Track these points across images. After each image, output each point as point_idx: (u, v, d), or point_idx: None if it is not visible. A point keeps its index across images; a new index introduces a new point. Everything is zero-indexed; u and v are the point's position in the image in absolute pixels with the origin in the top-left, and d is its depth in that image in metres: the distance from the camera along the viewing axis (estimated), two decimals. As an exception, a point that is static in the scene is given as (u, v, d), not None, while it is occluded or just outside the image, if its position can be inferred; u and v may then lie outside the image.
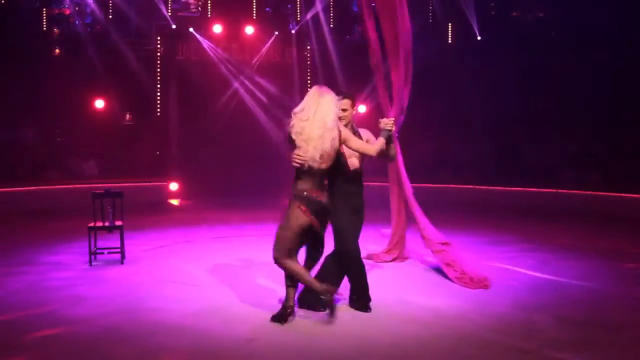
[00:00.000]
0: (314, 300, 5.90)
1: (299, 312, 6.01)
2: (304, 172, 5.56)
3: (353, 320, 5.86)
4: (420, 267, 8.04)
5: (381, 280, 7.09)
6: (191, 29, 16.08)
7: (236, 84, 16.27)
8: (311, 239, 5.79)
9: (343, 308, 6.17)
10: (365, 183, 6.20)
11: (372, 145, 5.85)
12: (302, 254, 5.86)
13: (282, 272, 7.78)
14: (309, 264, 5.95)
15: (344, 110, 5.91)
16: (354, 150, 5.82)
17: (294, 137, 5.52)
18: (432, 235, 7.51)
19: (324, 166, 5.56)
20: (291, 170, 5.66)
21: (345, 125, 5.92)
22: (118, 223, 8.25)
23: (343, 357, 5.00)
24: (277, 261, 5.69)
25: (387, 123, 5.85)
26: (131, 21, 16.62)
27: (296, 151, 5.53)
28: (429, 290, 6.85)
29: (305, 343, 5.26)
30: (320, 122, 5.48)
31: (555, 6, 17.03)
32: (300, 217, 5.56)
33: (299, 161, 5.51)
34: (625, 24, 15.25)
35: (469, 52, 16.62)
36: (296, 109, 5.60)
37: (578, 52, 15.98)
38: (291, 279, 5.76)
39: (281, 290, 6.97)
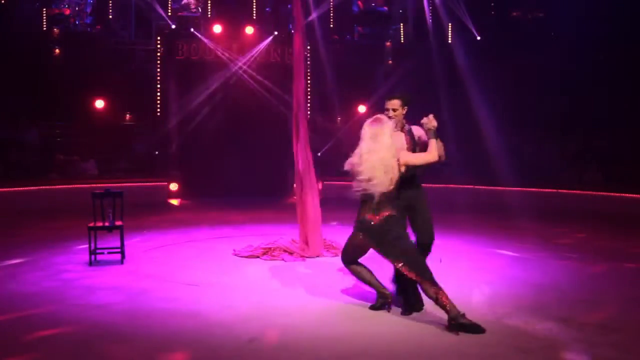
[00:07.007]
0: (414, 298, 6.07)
1: (302, 313, 6.02)
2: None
3: (353, 320, 5.87)
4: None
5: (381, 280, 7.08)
6: (192, 29, 16.07)
7: (236, 84, 16.24)
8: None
9: (337, 309, 6.19)
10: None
11: (429, 152, 5.87)
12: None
13: (282, 270, 7.79)
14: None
15: (393, 110, 6.03)
16: (417, 166, 5.92)
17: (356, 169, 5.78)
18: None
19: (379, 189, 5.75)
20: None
21: (396, 126, 6.01)
22: (118, 223, 8.25)
23: (343, 357, 5.01)
24: (343, 263, 6.20)
25: (430, 121, 5.85)
26: (131, 21, 16.62)
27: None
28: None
29: (305, 343, 5.27)
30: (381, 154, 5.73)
31: (555, 6, 17.04)
32: (355, 236, 5.97)
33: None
34: (625, 23, 15.28)
35: (469, 52, 16.61)
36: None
37: (578, 52, 15.98)
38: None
39: (282, 289, 6.99)
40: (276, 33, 16.28)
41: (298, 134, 8.88)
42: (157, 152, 16.14)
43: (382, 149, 5.69)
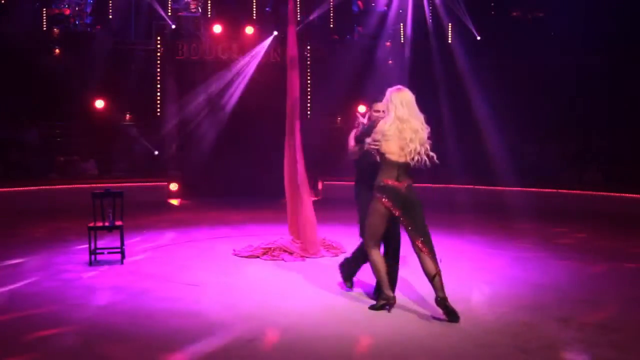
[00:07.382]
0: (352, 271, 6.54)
1: (302, 313, 6.02)
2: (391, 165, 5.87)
3: (353, 320, 5.87)
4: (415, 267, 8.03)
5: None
6: (192, 29, 16.07)
7: (236, 84, 16.25)
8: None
9: (337, 309, 6.19)
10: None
11: None
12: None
13: (282, 270, 7.78)
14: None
15: (383, 112, 6.15)
16: None
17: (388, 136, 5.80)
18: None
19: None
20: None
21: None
22: (118, 223, 8.25)
23: (343, 357, 5.01)
24: (366, 249, 6.06)
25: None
26: (131, 21, 16.61)
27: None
28: (427, 290, 6.85)
29: (305, 343, 5.27)
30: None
31: (555, 6, 17.04)
32: (378, 205, 5.90)
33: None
34: (625, 22, 15.27)
35: (469, 52, 16.61)
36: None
37: (578, 52, 15.98)
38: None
39: (282, 289, 6.99)
40: (276, 33, 16.27)
41: (293, 134, 8.87)
42: (156, 152, 16.14)
43: (419, 117, 5.89)
